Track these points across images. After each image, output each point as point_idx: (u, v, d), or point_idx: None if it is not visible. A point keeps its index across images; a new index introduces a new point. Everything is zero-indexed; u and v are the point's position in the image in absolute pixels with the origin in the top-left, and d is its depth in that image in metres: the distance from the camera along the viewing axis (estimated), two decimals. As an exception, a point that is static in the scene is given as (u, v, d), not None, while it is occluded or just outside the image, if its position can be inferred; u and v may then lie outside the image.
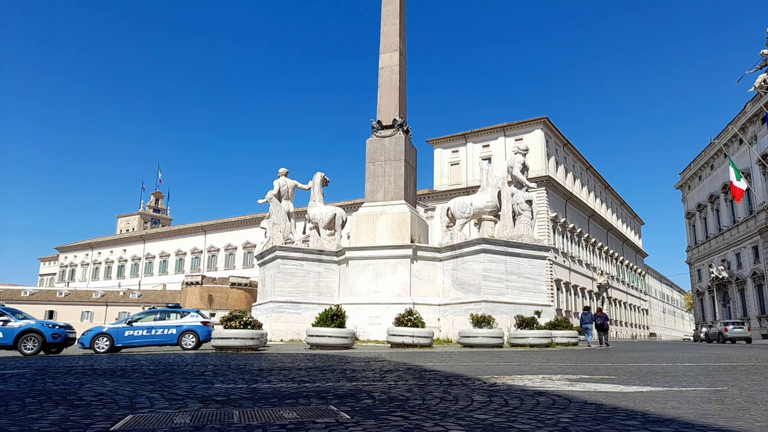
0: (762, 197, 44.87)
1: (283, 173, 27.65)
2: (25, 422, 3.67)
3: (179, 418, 3.92)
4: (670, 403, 4.54)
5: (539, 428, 3.40)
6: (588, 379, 6.70)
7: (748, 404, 4.57)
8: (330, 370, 7.96)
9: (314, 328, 16.36)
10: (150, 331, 17.11)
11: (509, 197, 23.68)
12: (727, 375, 7.51)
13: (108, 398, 5.05)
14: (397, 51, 25.78)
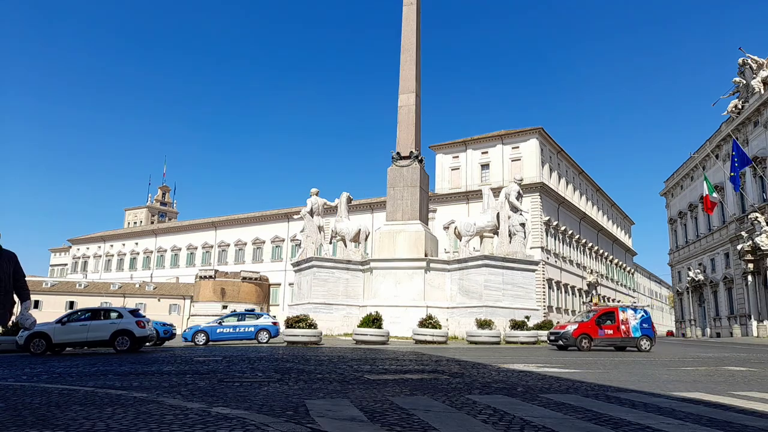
0: (733, 210, 50.00)
1: (315, 193, 32.51)
2: (244, 377, 8.44)
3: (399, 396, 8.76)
4: (581, 375, 9.37)
5: (523, 383, 8.23)
6: (549, 365, 11.57)
7: (611, 374, 9.41)
8: (404, 360, 12.82)
9: (359, 328, 21.46)
10: (234, 329, 22.34)
11: (506, 219, 28.62)
12: (621, 366, 12.39)
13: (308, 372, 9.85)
14: (414, 93, 30.60)
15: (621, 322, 19.83)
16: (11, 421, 4.43)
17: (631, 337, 19.75)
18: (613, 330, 19.75)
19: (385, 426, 4.41)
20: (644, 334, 19.92)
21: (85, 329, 17.15)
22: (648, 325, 20.32)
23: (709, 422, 4.77)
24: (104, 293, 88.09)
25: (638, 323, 20.02)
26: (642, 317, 20.28)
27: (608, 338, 19.68)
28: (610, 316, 20.05)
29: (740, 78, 49.52)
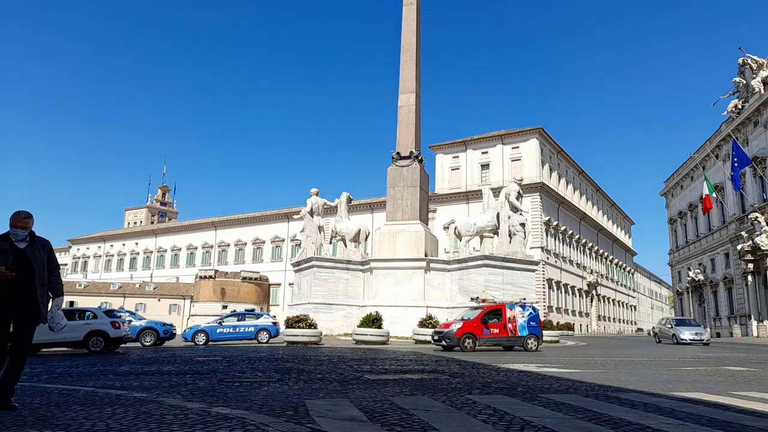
0: (733, 209, 49.99)
1: (315, 193, 32.49)
2: (242, 375, 8.45)
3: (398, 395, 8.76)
4: (581, 375, 9.37)
5: (523, 383, 8.22)
6: (549, 365, 11.57)
7: (611, 374, 9.41)
8: (404, 360, 12.81)
9: (359, 328, 21.45)
10: (234, 329, 22.33)
11: (506, 219, 28.60)
12: (621, 366, 12.39)
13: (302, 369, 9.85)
14: (414, 93, 30.60)
15: (508, 320, 18.60)
16: (11, 421, 4.43)
17: (518, 336, 18.65)
18: (500, 329, 18.53)
19: (385, 426, 4.41)
20: (531, 333, 18.86)
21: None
22: (536, 323, 19.26)
23: (709, 422, 4.77)
24: (104, 293, 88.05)
25: (525, 321, 18.88)
26: (530, 315, 19.16)
27: (494, 337, 18.49)
28: (497, 314, 18.79)
29: (740, 78, 49.52)
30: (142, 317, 22.49)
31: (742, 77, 49.25)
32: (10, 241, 5.27)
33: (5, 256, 5.15)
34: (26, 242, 5.34)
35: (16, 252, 5.24)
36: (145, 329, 20.76)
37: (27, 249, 5.31)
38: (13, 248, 5.25)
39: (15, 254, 5.21)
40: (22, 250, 5.28)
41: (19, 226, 5.30)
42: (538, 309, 22.22)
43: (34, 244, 5.38)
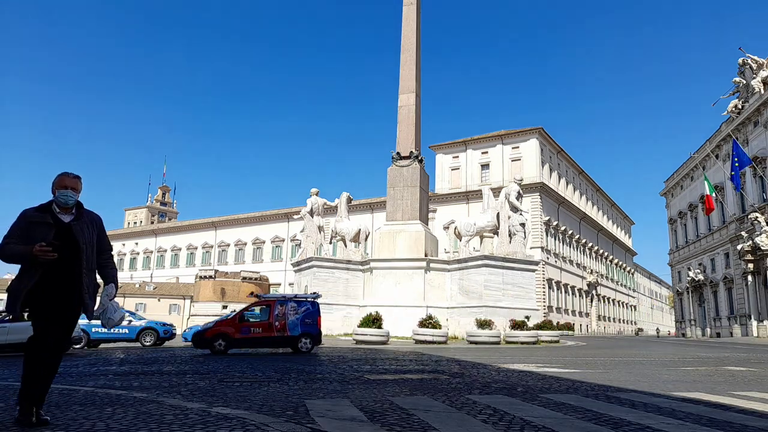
0: (733, 209, 49.99)
1: (314, 193, 32.49)
2: (248, 373, 8.45)
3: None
4: (581, 375, 9.37)
5: (523, 383, 8.22)
6: (549, 365, 11.56)
7: (611, 374, 9.41)
8: (404, 360, 12.81)
9: (359, 328, 21.45)
10: (234, 329, 22.21)
11: (506, 219, 28.59)
12: (621, 366, 12.38)
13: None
14: (414, 93, 30.59)
15: (275, 318, 16.50)
16: (11, 421, 4.43)
17: (287, 335, 16.47)
18: (264, 328, 16.39)
19: (385, 426, 4.41)
20: (305, 332, 16.62)
21: (5, 331, 15.77)
22: (312, 321, 16.94)
23: (709, 422, 4.77)
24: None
25: (299, 318, 16.70)
26: (306, 311, 16.92)
27: (256, 338, 16.39)
28: (264, 311, 16.85)
29: (740, 78, 49.51)
30: (142, 317, 22.53)
31: (742, 77, 49.25)
32: (53, 213, 4.24)
33: (45, 231, 4.13)
34: (72, 215, 4.31)
35: (59, 227, 4.20)
36: (145, 329, 20.77)
37: (73, 224, 4.27)
38: (56, 222, 4.20)
39: (58, 229, 4.18)
40: (67, 224, 4.23)
41: (68, 186, 4.24)
42: (538, 310, 22.05)
43: (81, 218, 4.33)
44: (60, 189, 4.26)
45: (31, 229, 4.13)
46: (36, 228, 4.13)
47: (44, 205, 4.32)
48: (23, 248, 4.03)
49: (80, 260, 4.23)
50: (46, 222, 4.18)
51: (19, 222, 4.18)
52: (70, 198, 4.27)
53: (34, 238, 4.07)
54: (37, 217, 4.19)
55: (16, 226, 4.15)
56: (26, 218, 4.19)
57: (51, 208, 4.28)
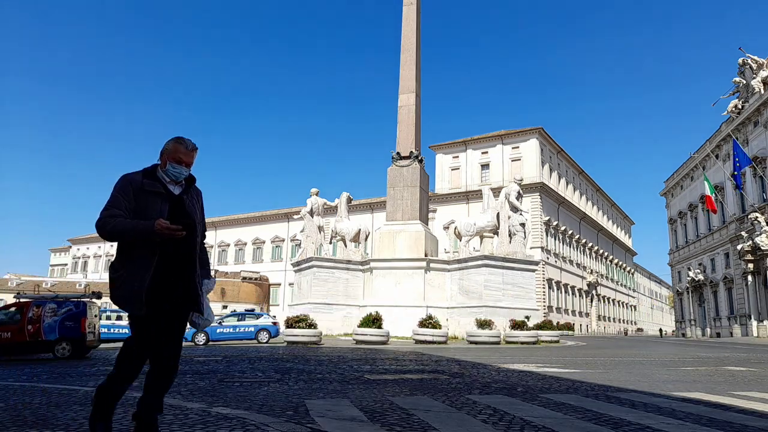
0: (733, 210, 50.00)
1: (314, 193, 32.50)
2: (248, 374, 8.46)
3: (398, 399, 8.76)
4: (581, 375, 9.37)
5: (523, 383, 8.23)
6: (549, 365, 11.57)
7: (611, 374, 9.41)
8: (404, 360, 12.81)
9: (359, 328, 21.46)
10: (235, 329, 22.43)
11: (506, 219, 28.59)
12: (621, 366, 12.39)
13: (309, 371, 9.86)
14: (414, 93, 30.60)
15: (29, 321, 14.64)
16: (11, 421, 4.43)
17: (42, 340, 14.51)
18: (13, 332, 14.50)
19: (385, 426, 4.41)
20: (63, 335, 14.68)
21: None
22: (74, 323, 14.87)
23: (709, 422, 4.77)
24: (104, 293, 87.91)
25: (57, 321, 14.78)
26: (68, 312, 14.99)
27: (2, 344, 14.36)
28: (16, 313, 15.08)
29: (740, 78, 49.51)
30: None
31: (742, 77, 49.26)
32: (161, 181, 3.47)
33: (160, 204, 3.37)
34: (181, 187, 3.55)
35: (171, 199, 3.46)
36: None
37: (185, 197, 3.53)
38: (167, 193, 3.46)
39: (171, 203, 3.44)
40: (178, 197, 3.50)
41: (183, 162, 3.48)
42: (539, 310, 21.88)
43: (190, 193, 3.59)
44: (173, 163, 3.46)
45: (141, 199, 3.33)
46: (148, 198, 3.34)
47: (150, 170, 3.49)
48: (140, 224, 3.18)
49: (195, 244, 3.49)
50: (159, 192, 3.40)
51: (124, 188, 3.33)
52: (183, 176, 3.52)
53: (146, 211, 3.29)
54: (150, 185, 3.38)
55: (121, 193, 3.31)
56: (135, 184, 3.35)
57: (157, 175, 3.47)
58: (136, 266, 3.22)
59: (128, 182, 3.35)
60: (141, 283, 3.18)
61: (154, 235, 3.17)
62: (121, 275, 3.25)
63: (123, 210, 3.26)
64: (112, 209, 3.25)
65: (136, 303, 3.19)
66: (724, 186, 51.53)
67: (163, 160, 3.49)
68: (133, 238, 3.22)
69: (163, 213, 3.32)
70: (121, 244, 3.32)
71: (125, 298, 3.22)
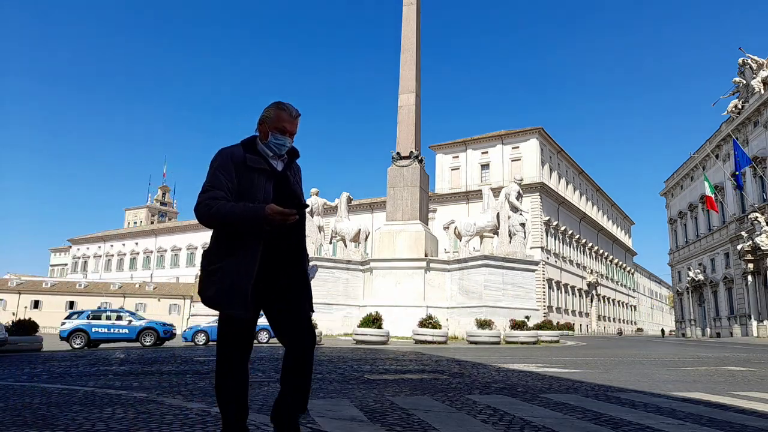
0: (733, 209, 50.00)
1: (314, 193, 32.50)
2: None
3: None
4: (581, 375, 9.38)
5: (523, 383, 8.23)
6: (549, 365, 11.57)
7: (611, 374, 9.41)
8: (404, 360, 12.81)
9: (359, 328, 21.46)
10: (234, 329, 22.33)
11: (506, 219, 28.60)
12: (621, 366, 12.39)
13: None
14: (414, 93, 30.59)
15: None
16: (11, 421, 4.43)
17: None
18: None
19: (385, 426, 4.41)
20: None
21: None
22: None
23: (709, 422, 4.77)
24: (104, 293, 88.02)
25: None
26: None
27: None
28: None
29: (740, 78, 49.53)
30: (142, 317, 22.62)
31: (742, 77, 49.26)
32: (262, 155, 2.98)
33: (264, 182, 2.90)
34: (283, 162, 3.07)
35: (275, 177, 2.98)
36: (145, 329, 20.86)
37: (289, 175, 3.07)
38: (271, 170, 2.97)
39: (275, 181, 2.96)
40: (282, 173, 3.03)
41: (287, 131, 2.98)
42: (539, 310, 21.90)
43: (292, 168, 3.12)
44: (276, 133, 2.96)
45: (244, 177, 2.85)
46: (252, 176, 2.86)
47: (249, 142, 2.99)
48: (248, 208, 2.70)
49: (303, 228, 3.05)
50: (263, 169, 2.91)
51: (224, 165, 2.85)
52: (286, 147, 3.02)
53: (249, 191, 2.82)
54: (253, 161, 2.89)
55: (221, 170, 2.83)
56: (237, 160, 2.87)
57: (256, 147, 2.98)
58: (239, 258, 2.73)
59: (228, 157, 2.86)
60: (247, 278, 2.71)
61: (264, 222, 2.67)
62: (221, 268, 2.75)
63: (225, 191, 2.77)
64: (213, 190, 2.75)
65: (240, 302, 2.71)
66: (724, 186, 51.55)
67: (263, 130, 2.99)
68: (239, 224, 2.71)
69: (268, 193, 2.86)
70: (220, 232, 2.83)
71: (226, 296, 2.72)
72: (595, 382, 8.31)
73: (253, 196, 2.80)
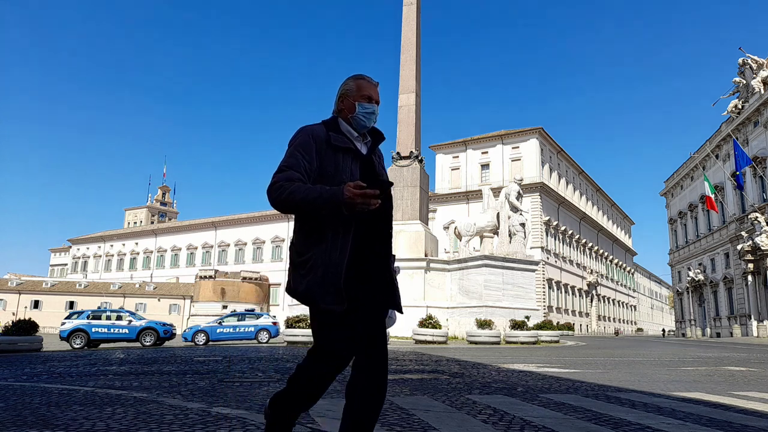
0: (733, 209, 50.00)
1: (314, 193, 32.52)
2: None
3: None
4: (581, 375, 9.38)
5: (523, 383, 8.23)
6: (549, 365, 11.57)
7: (611, 374, 9.41)
8: (404, 360, 12.81)
9: (359, 328, 21.43)
10: (234, 329, 22.42)
11: (506, 219, 28.60)
12: (621, 366, 12.39)
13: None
14: (414, 92, 30.58)
15: None
16: (11, 421, 4.43)
17: None
18: None
19: (385, 426, 4.41)
20: None
21: None
22: None
23: (709, 422, 4.77)
24: (104, 293, 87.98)
25: None
26: None
27: None
28: None
29: (740, 78, 49.54)
30: (142, 317, 22.64)
31: (742, 77, 49.27)
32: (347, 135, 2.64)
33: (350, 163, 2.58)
34: (366, 144, 2.73)
35: (361, 159, 2.65)
36: (145, 329, 20.87)
37: (374, 159, 2.75)
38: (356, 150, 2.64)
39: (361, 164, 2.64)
40: (367, 157, 2.70)
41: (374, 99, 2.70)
42: (539, 310, 21.84)
43: (376, 152, 2.79)
44: (362, 101, 2.66)
45: (328, 157, 2.53)
46: (336, 157, 2.55)
47: (331, 122, 2.69)
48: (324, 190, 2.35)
49: (391, 217, 2.68)
50: (349, 148, 2.59)
51: (305, 144, 2.53)
52: (375, 117, 2.71)
53: (334, 174, 2.50)
54: (339, 140, 2.57)
55: (301, 149, 2.51)
56: (319, 139, 2.56)
57: (338, 126, 2.66)
58: (329, 247, 2.44)
59: (309, 136, 2.55)
60: (338, 269, 2.42)
61: (343, 205, 2.32)
62: (309, 259, 2.45)
63: (302, 172, 2.46)
64: (289, 171, 2.44)
65: (334, 294, 2.41)
66: (724, 186, 51.56)
67: (347, 104, 2.68)
68: (314, 209, 2.38)
69: (354, 177, 2.53)
70: (305, 219, 2.52)
71: (319, 289, 2.41)
72: (595, 382, 8.31)
73: (338, 180, 2.47)
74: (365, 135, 2.73)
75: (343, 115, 2.69)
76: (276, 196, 2.41)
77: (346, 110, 2.67)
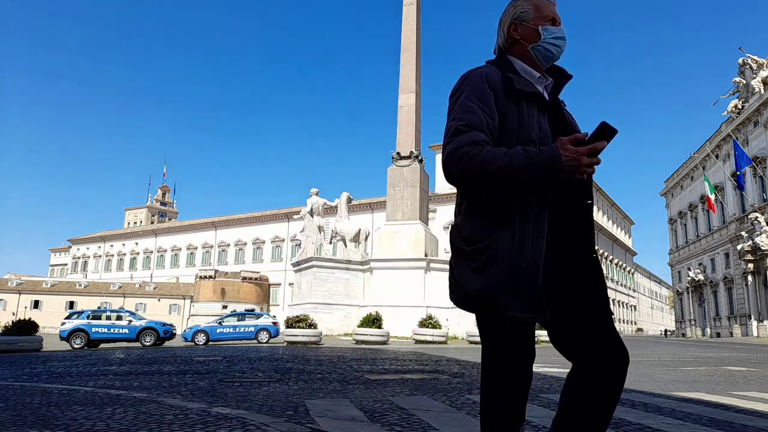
0: (733, 210, 50.00)
1: (315, 193, 32.52)
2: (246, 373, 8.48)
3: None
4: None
5: (521, 385, 8.23)
6: (549, 365, 11.58)
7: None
8: (404, 360, 12.81)
9: (359, 328, 21.48)
10: (234, 329, 22.44)
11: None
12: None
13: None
14: (414, 92, 30.59)
15: None
16: (11, 421, 4.43)
17: None
18: None
19: (385, 426, 4.41)
20: None
21: None
22: None
23: (709, 422, 4.77)
24: (104, 293, 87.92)
25: None
26: None
27: None
28: None
29: (740, 78, 49.54)
30: (142, 317, 22.67)
31: (742, 77, 49.27)
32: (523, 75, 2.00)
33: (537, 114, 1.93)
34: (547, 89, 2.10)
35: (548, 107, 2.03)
36: (145, 329, 20.88)
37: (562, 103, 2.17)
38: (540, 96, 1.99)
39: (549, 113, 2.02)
40: (553, 103, 2.10)
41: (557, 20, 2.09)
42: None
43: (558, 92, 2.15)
44: (546, 25, 2.05)
45: (510, 108, 1.88)
46: (521, 107, 1.90)
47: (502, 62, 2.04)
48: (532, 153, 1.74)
49: (590, 183, 2.09)
50: (535, 94, 1.96)
51: (481, 92, 1.85)
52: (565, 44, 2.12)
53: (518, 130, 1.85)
54: (522, 83, 1.93)
55: (478, 100, 1.84)
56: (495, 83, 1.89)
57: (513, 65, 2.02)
58: (517, 234, 1.76)
59: (483, 80, 1.88)
60: (534, 262, 1.77)
61: (563, 171, 1.74)
62: (488, 247, 1.75)
63: (486, 132, 1.79)
64: (471, 131, 1.76)
65: (529, 297, 1.74)
66: (724, 186, 51.55)
67: (525, 31, 2.03)
68: (520, 180, 1.72)
69: (545, 131, 1.92)
70: (478, 195, 1.83)
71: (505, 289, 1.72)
72: (595, 382, 8.29)
73: (523, 139, 1.82)
74: (544, 75, 2.08)
75: (518, 49, 2.04)
76: (463, 167, 1.73)
77: (525, 40, 2.01)
